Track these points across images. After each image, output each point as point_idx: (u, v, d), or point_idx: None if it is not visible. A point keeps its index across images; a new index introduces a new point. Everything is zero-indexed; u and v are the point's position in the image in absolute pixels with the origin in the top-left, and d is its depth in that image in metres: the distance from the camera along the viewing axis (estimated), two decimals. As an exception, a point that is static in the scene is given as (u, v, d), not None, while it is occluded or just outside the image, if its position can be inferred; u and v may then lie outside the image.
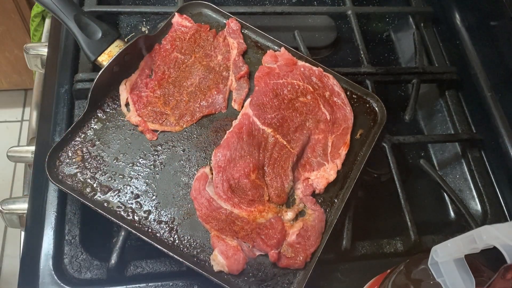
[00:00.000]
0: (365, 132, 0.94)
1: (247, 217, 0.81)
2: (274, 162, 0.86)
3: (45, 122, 0.92)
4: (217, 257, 0.76)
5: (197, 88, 0.94)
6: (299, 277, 0.77)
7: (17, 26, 1.89)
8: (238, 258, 0.76)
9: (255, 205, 0.81)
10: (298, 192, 0.85)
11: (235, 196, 0.82)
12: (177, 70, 0.95)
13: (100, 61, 0.89)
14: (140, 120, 0.87)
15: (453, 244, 0.56)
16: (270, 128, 0.89)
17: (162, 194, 0.82)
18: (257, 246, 0.78)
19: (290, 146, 0.88)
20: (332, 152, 0.89)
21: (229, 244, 0.77)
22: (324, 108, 0.93)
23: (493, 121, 1.02)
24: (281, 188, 0.84)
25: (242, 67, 0.96)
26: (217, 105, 0.93)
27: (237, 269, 0.76)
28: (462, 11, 1.14)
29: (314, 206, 0.83)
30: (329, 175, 0.87)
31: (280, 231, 0.78)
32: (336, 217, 0.82)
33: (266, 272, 0.78)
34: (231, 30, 1.00)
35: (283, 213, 0.82)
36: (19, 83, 2.24)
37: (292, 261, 0.77)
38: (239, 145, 0.85)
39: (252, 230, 0.79)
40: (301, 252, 0.77)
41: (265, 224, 0.80)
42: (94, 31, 0.89)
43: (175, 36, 0.98)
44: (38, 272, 0.77)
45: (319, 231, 0.80)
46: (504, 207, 0.97)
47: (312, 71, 0.96)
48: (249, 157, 0.84)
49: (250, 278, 0.77)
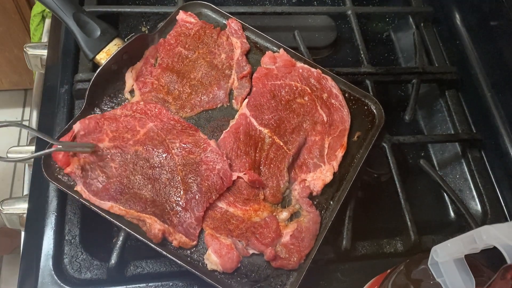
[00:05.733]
0: (362, 134, 0.94)
1: (242, 215, 0.81)
2: (270, 162, 0.86)
3: (45, 122, 0.92)
4: (211, 256, 0.76)
5: (199, 82, 0.94)
6: (292, 278, 0.77)
7: (17, 26, 1.89)
8: (232, 256, 0.76)
9: (251, 204, 0.82)
10: (295, 193, 0.85)
11: (230, 194, 0.82)
12: (181, 64, 0.96)
13: (98, 59, 0.89)
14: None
15: (453, 244, 0.56)
16: (267, 129, 0.89)
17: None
18: (252, 245, 0.78)
19: (287, 147, 0.88)
20: (329, 153, 0.89)
21: (223, 243, 0.77)
22: (322, 110, 0.93)
23: (493, 121, 1.02)
24: (276, 188, 0.84)
25: (245, 66, 0.96)
26: (218, 100, 0.93)
27: (230, 267, 0.76)
28: (462, 11, 1.14)
29: (309, 208, 0.83)
30: (326, 177, 0.87)
31: (275, 230, 0.79)
32: (331, 219, 0.82)
33: (259, 273, 0.78)
34: (233, 30, 1.00)
35: (278, 212, 0.83)
36: (19, 83, 2.24)
37: (286, 261, 0.77)
38: (236, 145, 0.85)
39: (247, 228, 0.79)
40: (295, 253, 0.78)
41: (260, 223, 0.80)
42: (92, 29, 0.89)
43: (180, 32, 0.98)
44: (38, 272, 0.77)
45: (313, 233, 0.80)
46: (504, 207, 0.98)
47: (310, 73, 0.96)
48: (245, 156, 0.84)
49: (243, 279, 0.77)
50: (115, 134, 0.83)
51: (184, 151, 0.83)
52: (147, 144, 0.83)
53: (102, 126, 0.83)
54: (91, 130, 0.82)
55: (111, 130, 0.83)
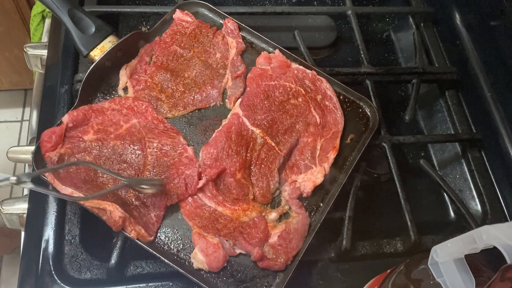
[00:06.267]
0: (356, 136, 0.93)
1: (230, 215, 0.81)
2: (261, 162, 0.86)
3: (45, 122, 0.92)
4: (197, 254, 0.77)
5: (193, 81, 0.94)
6: (279, 279, 0.77)
7: (17, 26, 1.89)
8: (218, 255, 0.77)
9: (240, 204, 0.82)
10: (285, 194, 0.85)
11: (219, 194, 0.82)
12: (175, 62, 0.96)
13: (92, 56, 0.90)
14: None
15: (453, 244, 0.56)
16: (259, 129, 0.89)
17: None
18: (239, 245, 0.78)
19: (278, 147, 0.88)
20: (321, 155, 0.89)
21: (210, 242, 0.77)
22: (315, 111, 0.93)
23: (493, 121, 1.02)
24: (266, 188, 0.84)
25: (239, 66, 0.96)
26: (211, 99, 0.93)
27: (216, 266, 0.76)
28: (462, 11, 1.14)
29: (299, 210, 0.83)
30: (316, 178, 0.86)
31: (263, 230, 0.79)
32: (320, 221, 0.82)
33: (245, 273, 0.78)
34: (229, 30, 1.00)
35: (267, 213, 0.83)
36: (19, 83, 2.24)
37: (273, 262, 0.77)
38: (227, 144, 0.85)
39: (235, 228, 0.79)
40: (282, 254, 0.77)
41: (248, 223, 0.80)
42: (87, 26, 0.90)
43: (176, 30, 0.98)
44: (38, 272, 0.77)
45: (301, 234, 0.80)
46: (504, 207, 0.97)
47: (305, 74, 0.96)
48: (236, 156, 0.84)
49: (229, 279, 0.77)
50: (99, 127, 0.84)
51: (160, 152, 0.84)
52: (126, 139, 0.84)
53: (89, 118, 0.84)
54: (80, 122, 0.83)
55: (97, 123, 0.84)
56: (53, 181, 0.77)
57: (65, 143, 0.81)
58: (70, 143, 0.81)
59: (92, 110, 0.85)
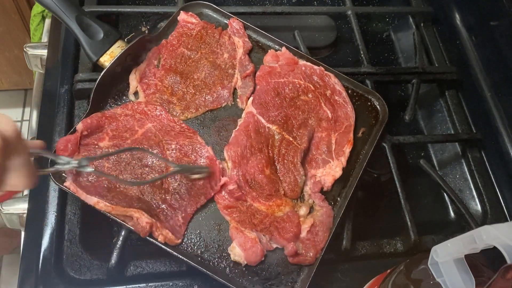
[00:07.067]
0: (367, 130, 0.94)
1: (266, 210, 0.82)
2: (283, 158, 0.87)
3: (45, 122, 0.92)
4: (235, 248, 0.77)
5: (203, 82, 0.94)
6: (303, 275, 0.78)
7: (17, 26, 1.89)
8: (256, 250, 0.77)
9: (273, 199, 0.83)
10: (307, 188, 0.86)
11: (252, 190, 0.83)
12: (184, 64, 0.96)
13: (102, 62, 0.89)
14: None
15: (453, 244, 0.56)
16: (275, 125, 0.90)
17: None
18: (274, 239, 0.79)
19: (296, 142, 0.89)
20: (337, 149, 0.90)
21: (247, 236, 0.78)
22: (326, 107, 0.93)
23: (493, 121, 1.02)
24: (294, 182, 0.85)
25: (248, 65, 0.96)
26: (222, 99, 0.93)
27: (255, 260, 0.77)
28: (462, 11, 1.14)
29: (322, 203, 0.84)
30: (335, 172, 0.88)
31: (297, 224, 0.80)
32: (340, 215, 0.83)
33: (270, 271, 0.78)
34: (234, 30, 1.00)
35: (298, 207, 0.84)
36: (19, 83, 2.24)
37: (303, 257, 0.78)
38: (248, 142, 0.86)
39: (271, 223, 0.80)
40: (311, 248, 0.78)
41: (282, 217, 0.81)
42: (95, 31, 0.89)
43: (182, 32, 0.98)
44: (38, 272, 0.77)
45: (327, 226, 0.81)
46: (504, 207, 0.98)
47: (313, 70, 0.97)
48: (259, 153, 0.85)
49: (254, 277, 0.77)
50: (114, 133, 0.84)
51: (179, 153, 0.84)
52: (143, 144, 0.84)
53: (103, 125, 0.84)
54: (94, 130, 0.83)
55: (111, 129, 0.84)
56: (76, 190, 0.76)
57: (81, 151, 0.80)
58: (86, 150, 0.81)
59: (105, 117, 0.84)
